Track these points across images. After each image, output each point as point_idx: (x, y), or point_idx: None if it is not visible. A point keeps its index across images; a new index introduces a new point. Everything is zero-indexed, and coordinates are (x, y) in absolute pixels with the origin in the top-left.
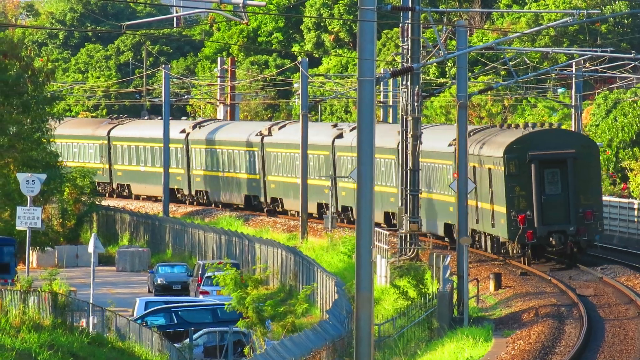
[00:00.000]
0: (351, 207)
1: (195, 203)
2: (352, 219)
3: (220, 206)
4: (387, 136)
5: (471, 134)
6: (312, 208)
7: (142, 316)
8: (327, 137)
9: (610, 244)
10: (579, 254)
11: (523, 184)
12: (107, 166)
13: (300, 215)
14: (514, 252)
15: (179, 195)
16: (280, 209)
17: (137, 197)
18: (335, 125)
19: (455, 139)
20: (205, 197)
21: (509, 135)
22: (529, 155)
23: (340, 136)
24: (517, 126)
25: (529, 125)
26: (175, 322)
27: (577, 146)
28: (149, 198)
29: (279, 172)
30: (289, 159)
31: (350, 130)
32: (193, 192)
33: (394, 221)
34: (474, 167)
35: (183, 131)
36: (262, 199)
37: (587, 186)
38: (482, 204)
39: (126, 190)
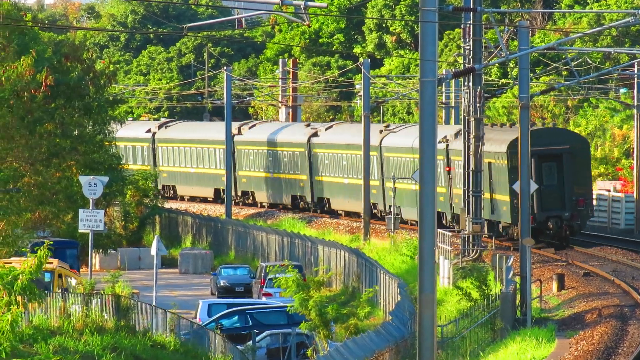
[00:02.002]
0: (328, 199)
1: (160, 197)
2: (325, 209)
3: (186, 199)
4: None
5: (461, 132)
6: (287, 200)
7: (217, 318)
8: (302, 135)
9: None
10: (571, 236)
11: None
12: None
13: (363, 216)
14: (515, 235)
15: None
16: (250, 201)
17: None
18: (308, 125)
19: (445, 137)
20: (172, 191)
21: (502, 133)
22: (529, 151)
23: (315, 134)
24: (512, 125)
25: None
26: (250, 324)
27: (571, 143)
28: None
29: (250, 167)
30: (260, 156)
31: (326, 129)
32: (160, 187)
33: (443, 221)
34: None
35: (149, 131)
36: (233, 192)
37: (580, 177)
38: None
39: None
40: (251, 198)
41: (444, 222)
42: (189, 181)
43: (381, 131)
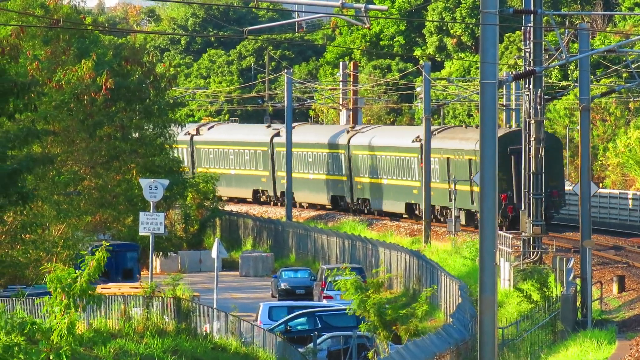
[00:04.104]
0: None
1: None
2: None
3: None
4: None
5: (435, 132)
6: (248, 194)
7: (286, 320)
8: (265, 135)
9: None
10: (546, 223)
11: (505, 170)
12: None
13: (423, 219)
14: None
15: None
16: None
17: None
18: (269, 126)
19: (418, 136)
20: None
21: (478, 133)
22: (510, 149)
23: (278, 134)
24: (477, 126)
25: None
26: (319, 326)
27: (545, 142)
28: None
29: (210, 164)
30: (220, 154)
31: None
32: None
33: (417, 212)
34: (448, 158)
35: None
36: None
37: (553, 172)
38: (457, 186)
39: None
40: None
41: (417, 212)
42: None
43: (348, 131)
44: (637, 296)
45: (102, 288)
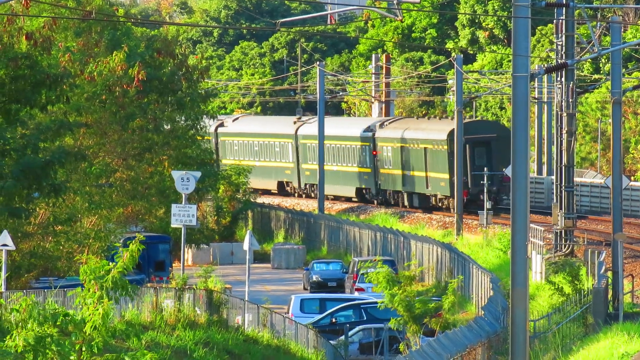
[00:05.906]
0: None
1: None
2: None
3: None
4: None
5: (386, 123)
6: None
7: (331, 312)
8: (208, 126)
9: None
10: (496, 205)
11: (461, 158)
12: None
13: (455, 211)
14: (450, 205)
15: None
16: None
17: None
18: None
19: (369, 126)
20: None
21: (442, 124)
22: (464, 139)
23: (222, 125)
24: (429, 117)
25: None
26: (365, 318)
27: (497, 132)
28: None
29: None
30: None
31: (233, 121)
32: None
33: (367, 196)
34: (401, 147)
35: None
36: None
37: (504, 159)
38: (412, 172)
39: None
40: None
41: (367, 196)
42: None
43: (295, 122)
44: None
45: None
